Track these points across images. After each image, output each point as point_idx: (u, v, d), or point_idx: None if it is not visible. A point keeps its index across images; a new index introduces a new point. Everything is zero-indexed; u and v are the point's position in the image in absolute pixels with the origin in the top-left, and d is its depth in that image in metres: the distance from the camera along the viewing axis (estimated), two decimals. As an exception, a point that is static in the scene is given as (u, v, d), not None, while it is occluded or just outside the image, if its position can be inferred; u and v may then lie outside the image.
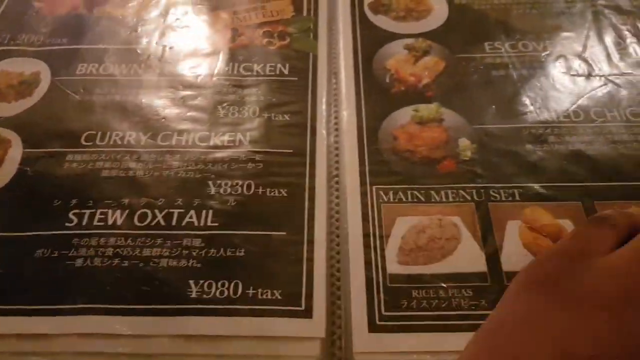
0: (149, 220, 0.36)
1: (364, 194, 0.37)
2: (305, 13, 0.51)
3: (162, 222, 0.36)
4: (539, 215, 0.35)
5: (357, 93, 0.44)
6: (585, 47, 0.47)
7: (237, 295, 0.33)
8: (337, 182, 0.39)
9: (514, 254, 0.34)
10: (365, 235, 0.35)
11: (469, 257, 0.34)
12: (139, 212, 0.37)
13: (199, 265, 0.34)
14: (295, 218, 0.36)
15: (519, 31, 0.48)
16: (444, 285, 0.33)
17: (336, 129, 0.43)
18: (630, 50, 0.46)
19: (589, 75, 0.44)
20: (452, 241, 0.34)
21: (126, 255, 0.35)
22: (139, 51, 0.48)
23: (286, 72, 0.46)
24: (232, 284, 0.33)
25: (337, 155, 0.41)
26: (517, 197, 0.37)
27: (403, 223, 0.36)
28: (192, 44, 0.49)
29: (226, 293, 0.33)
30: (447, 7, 0.51)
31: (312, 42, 0.49)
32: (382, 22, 0.50)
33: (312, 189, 0.38)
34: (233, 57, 0.47)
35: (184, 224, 0.36)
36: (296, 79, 0.46)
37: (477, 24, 0.49)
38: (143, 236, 0.35)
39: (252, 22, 0.51)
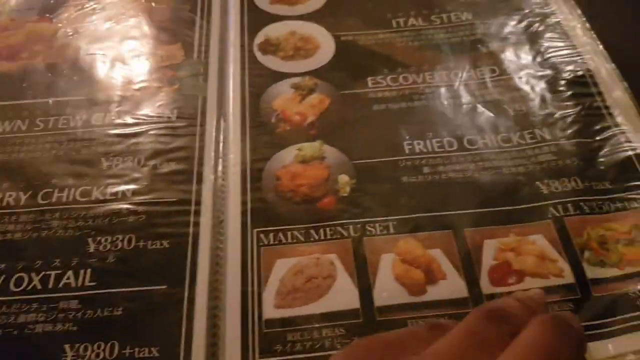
0: (25, 284, 0.36)
1: (244, 239, 0.38)
2: (196, 56, 0.52)
3: (39, 286, 0.35)
4: (411, 247, 0.37)
5: (243, 135, 0.45)
6: (461, 76, 0.49)
7: (113, 357, 0.32)
8: (222, 228, 0.40)
9: (387, 289, 0.35)
10: (244, 282, 0.36)
11: (343, 295, 0.35)
12: (15, 277, 0.36)
13: (75, 328, 0.34)
14: (176, 270, 0.36)
15: (401, 64, 0.50)
16: (317, 325, 0.33)
17: (223, 173, 0.43)
18: (504, 77, 0.49)
19: (463, 105, 0.46)
20: (328, 280, 0.35)
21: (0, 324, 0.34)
22: (23, 106, 0.47)
23: (174, 117, 0.46)
24: (109, 345, 0.33)
25: (223, 199, 0.41)
26: (392, 230, 0.38)
27: (282, 265, 0.36)
28: (79, 95, 0.48)
29: (102, 355, 0.32)
30: (334, 44, 0.52)
31: (202, 86, 0.49)
32: (271, 62, 0.51)
33: (196, 237, 0.38)
34: (121, 105, 0.47)
35: (60, 285, 0.35)
36: (184, 124, 0.46)
37: (363, 59, 0.51)
38: (18, 302, 0.35)
39: (142, 69, 0.51)
